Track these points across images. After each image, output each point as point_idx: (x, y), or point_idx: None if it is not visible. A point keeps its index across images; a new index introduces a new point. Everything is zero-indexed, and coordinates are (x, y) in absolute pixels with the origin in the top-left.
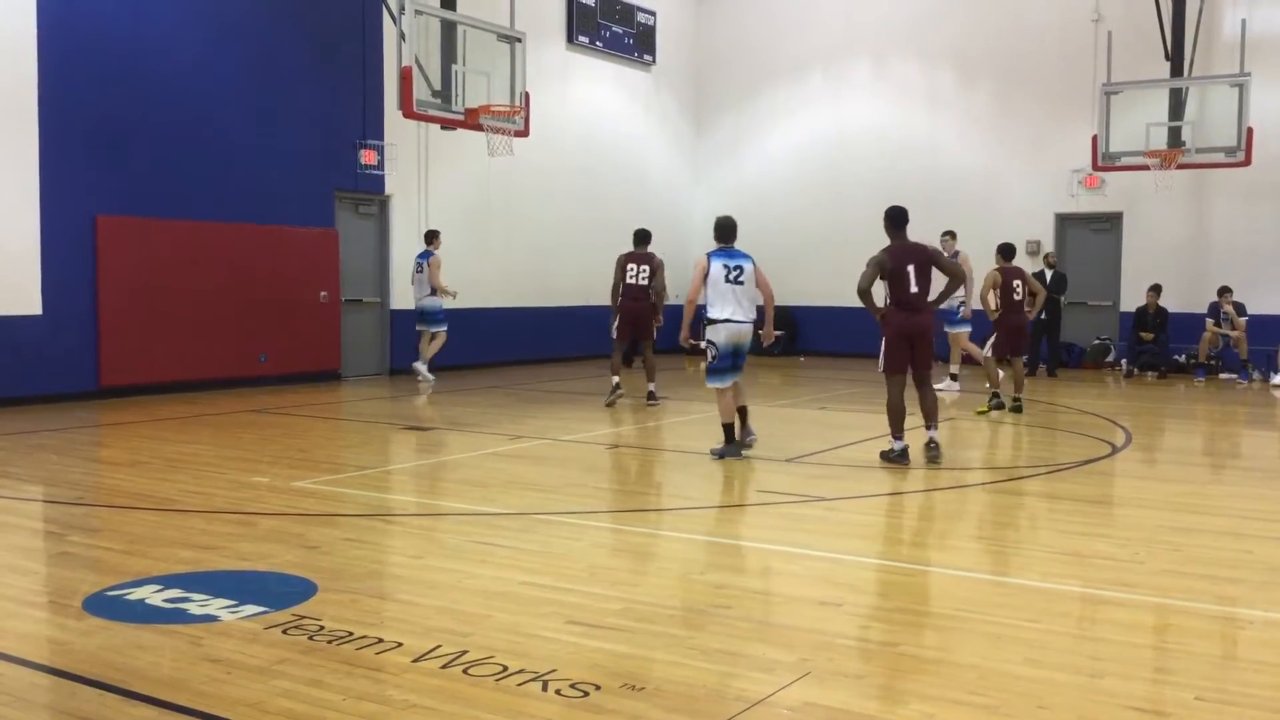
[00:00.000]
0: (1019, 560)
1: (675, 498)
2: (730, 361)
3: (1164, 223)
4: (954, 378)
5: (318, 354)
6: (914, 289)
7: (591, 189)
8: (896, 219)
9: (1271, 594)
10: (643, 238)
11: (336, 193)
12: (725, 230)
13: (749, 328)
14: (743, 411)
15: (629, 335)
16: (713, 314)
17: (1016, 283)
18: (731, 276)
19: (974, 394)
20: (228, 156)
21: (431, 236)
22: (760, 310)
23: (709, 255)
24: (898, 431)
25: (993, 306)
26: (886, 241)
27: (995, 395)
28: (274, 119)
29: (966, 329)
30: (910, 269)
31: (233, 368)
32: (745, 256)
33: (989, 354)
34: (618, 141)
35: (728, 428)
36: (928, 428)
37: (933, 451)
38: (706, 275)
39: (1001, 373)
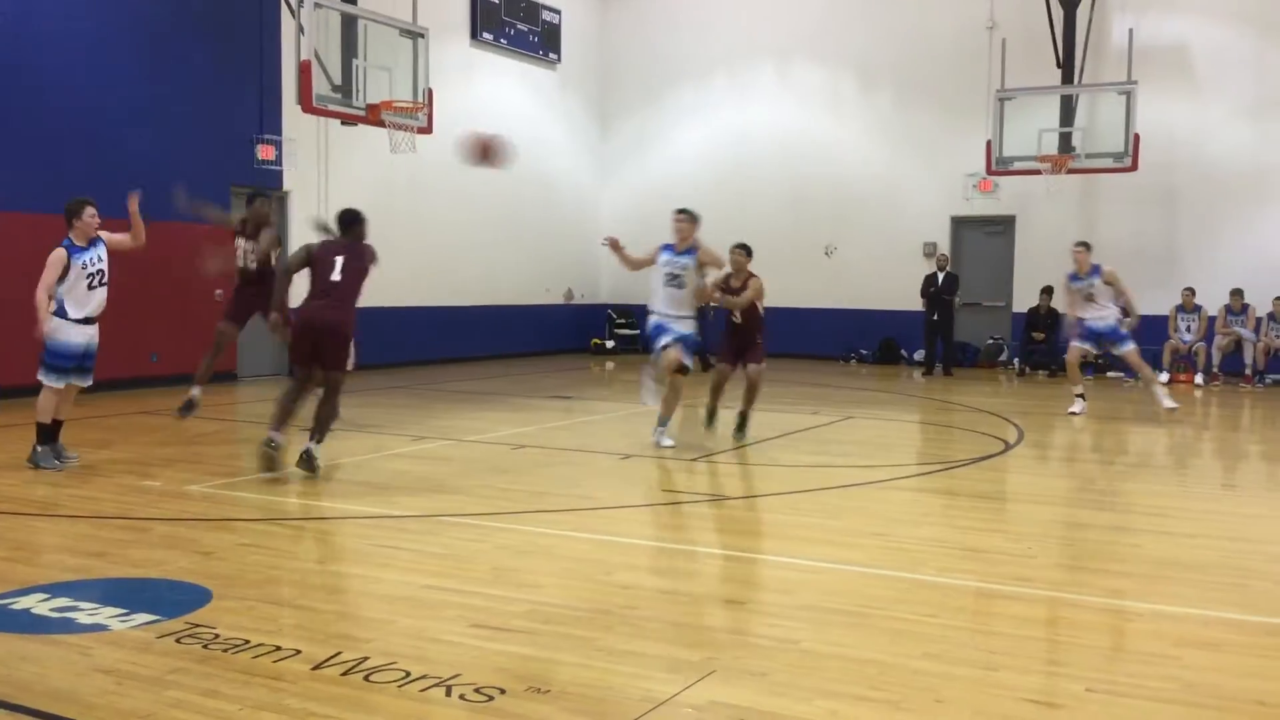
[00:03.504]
0: (917, 556)
1: (581, 498)
2: (78, 362)
3: (1055, 226)
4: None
5: None
6: (336, 278)
7: (497, 187)
8: (346, 221)
9: (1159, 587)
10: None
11: (232, 188)
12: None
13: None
14: (57, 427)
15: None
16: (74, 314)
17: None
18: (95, 282)
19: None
20: (118, 150)
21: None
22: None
23: (67, 248)
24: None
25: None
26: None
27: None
28: (167, 112)
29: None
30: (338, 260)
31: (123, 368)
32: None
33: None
34: (523, 140)
35: (48, 428)
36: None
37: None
38: (67, 270)
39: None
